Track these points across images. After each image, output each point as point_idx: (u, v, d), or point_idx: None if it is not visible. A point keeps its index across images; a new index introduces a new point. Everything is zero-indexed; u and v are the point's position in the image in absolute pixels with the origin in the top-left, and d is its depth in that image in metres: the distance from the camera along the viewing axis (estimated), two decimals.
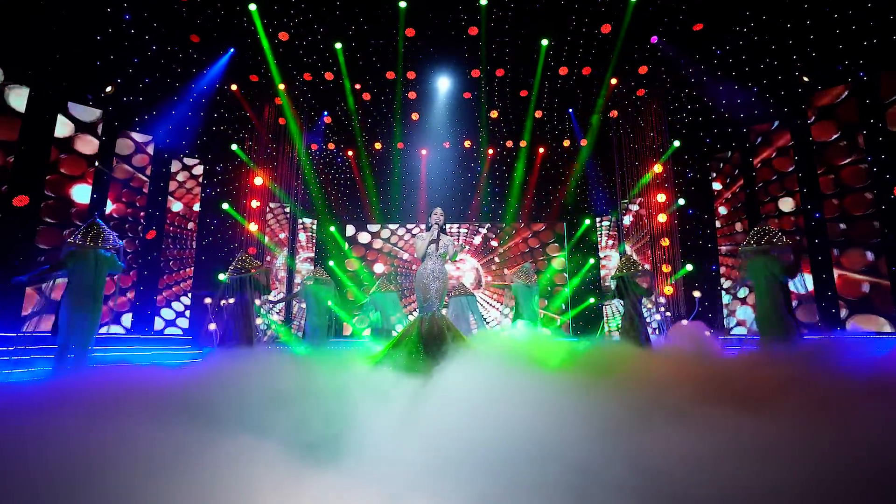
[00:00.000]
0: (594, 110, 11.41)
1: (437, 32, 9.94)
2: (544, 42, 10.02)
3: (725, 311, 9.94)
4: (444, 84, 11.39)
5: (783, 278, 4.94)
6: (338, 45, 10.10)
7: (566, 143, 12.71)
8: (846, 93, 8.34)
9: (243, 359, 3.79)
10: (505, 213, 13.41)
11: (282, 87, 10.71)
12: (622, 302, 7.78)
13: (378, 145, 12.89)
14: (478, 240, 13.51)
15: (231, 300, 9.38)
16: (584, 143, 12.28)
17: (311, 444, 2.13)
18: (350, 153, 13.11)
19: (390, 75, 10.87)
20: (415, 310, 12.01)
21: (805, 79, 8.66)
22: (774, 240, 5.05)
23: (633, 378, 2.71)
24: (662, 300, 9.00)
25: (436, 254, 5.11)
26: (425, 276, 5.05)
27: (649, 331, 6.54)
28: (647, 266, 8.01)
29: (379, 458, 2.00)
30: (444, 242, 5.16)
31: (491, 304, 13.02)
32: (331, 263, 12.67)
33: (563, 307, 12.49)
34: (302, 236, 12.90)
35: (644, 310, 7.30)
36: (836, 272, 8.20)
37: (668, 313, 8.65)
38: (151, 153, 10.13)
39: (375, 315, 9.20)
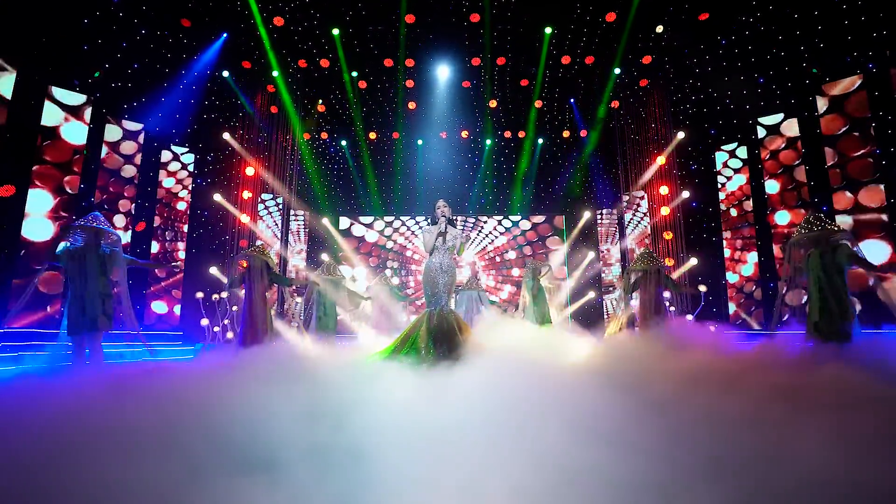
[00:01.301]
0: (601, 102, 11.20)
1: (438, 19, 9.69)
2: (547, 30, 9.80)
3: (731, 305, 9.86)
4: (443, 72, 11.12)
5: (847, 266, 4.51)
6: (335, 31, 9.79)
7: (566, 133, 12.46)
8: (857, 84, 8.19)
9: (245, 364, 3.56)
10: (504, 205, 13.21)
11: (276, 73, 10.38)
12: (626, 296, 7.63)
13: (373, 135, 12.57)
14: (476, 233, 13.31)
15: (225, 294, 9.08)
16: (584, 133, 12.08)
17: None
18: (344, 142, 12.80)
19: (388, 63, 10.58)
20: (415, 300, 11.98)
21: (813, 70, 8.52)
22: (832, 228, 4.57)
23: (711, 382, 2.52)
24: (667, 294, 8.84)
25: (443, 247, 4.93)
26: (433, 270, 4.88)
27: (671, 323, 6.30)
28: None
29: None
30: (452, 235, 4.97)
31: (490, 301, 12.85)
32: (323, 256, 12.39)
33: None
34: (294, 227, 12.59)
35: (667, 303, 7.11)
36: None
37: (673, 308, 8.50)
38: (141, 141, 9.75)
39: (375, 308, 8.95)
